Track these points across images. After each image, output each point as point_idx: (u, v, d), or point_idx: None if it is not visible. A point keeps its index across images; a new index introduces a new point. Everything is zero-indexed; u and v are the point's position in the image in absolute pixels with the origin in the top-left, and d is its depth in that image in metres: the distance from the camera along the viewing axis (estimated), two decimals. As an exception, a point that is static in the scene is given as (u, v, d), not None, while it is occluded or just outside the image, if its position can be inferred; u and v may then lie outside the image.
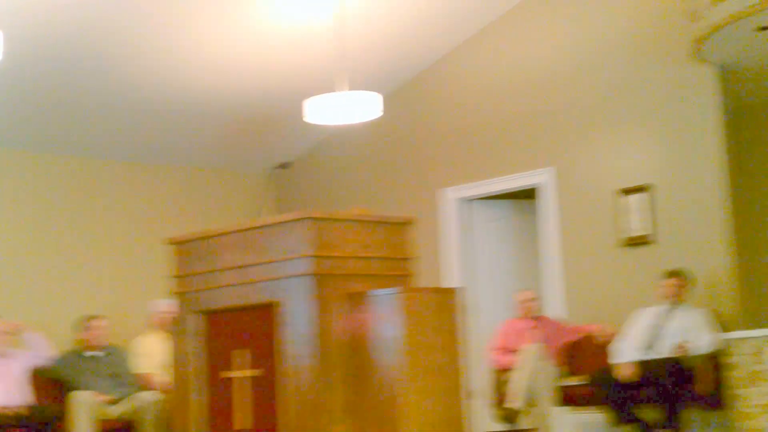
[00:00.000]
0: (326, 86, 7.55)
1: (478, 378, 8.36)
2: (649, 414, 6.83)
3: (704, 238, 7.28)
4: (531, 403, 6.97)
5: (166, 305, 7.89)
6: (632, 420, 6.72)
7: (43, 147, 8.56)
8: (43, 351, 7.55)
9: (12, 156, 8.49)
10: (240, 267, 3.88)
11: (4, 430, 6.92)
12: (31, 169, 8.62)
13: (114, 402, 7.44)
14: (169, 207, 9.33)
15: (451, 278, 8.56)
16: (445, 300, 3.92)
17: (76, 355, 7.74)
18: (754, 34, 6.51)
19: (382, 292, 3.74)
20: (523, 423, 7.07)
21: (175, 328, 4.05)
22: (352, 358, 3.72)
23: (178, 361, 4.01)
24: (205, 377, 3.94)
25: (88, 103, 8.10)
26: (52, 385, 7.65)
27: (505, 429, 7.28)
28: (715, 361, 6.86)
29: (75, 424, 7.16)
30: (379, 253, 4.01)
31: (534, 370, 6.94)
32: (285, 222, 3.82)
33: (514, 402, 6.87)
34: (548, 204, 8.22)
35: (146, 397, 7.42)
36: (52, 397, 7.50)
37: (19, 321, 7.57)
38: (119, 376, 7.68)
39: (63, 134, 8.47)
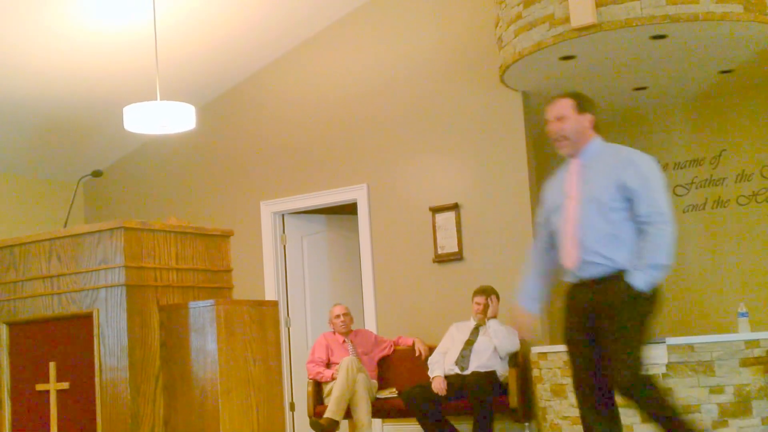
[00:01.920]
0: (142, 95, 7.42)
1: (296, 390, 8.38)
2: (462, 427, 7.01)
3: (510, 255, 7.53)
4: (347, 415, 7.02)
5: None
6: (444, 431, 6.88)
7: None
8: None
9: None
10: (50, 276, 3.74)
11: None
12: None
13: None
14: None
15: (268, 291, 8.54)
16: (262, 313, 3.90)
17: None
18: (556, 63, 6.82)
19: (198, 304, 3.69)
20: (340, 435, 7.12)
21: (-22, 339, 3.87)
22: (168, 370, 3.66)
23: (-16, 374, 3.83)
24: (13, 390, 3.77)
25: None
26: None
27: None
28: (524, 374, 7.12)
29: None
30: (195, 264, 3.95)
31: (351, 382, 7.00)
32: (97, 231, 3.71)
33: (332, 413, 6.91)
34: (363, 219, 8.33)
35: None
36: None
37: None
38: None
39: None
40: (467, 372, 6.97)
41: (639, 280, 3.92)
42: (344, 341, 7.53)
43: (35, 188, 9.49)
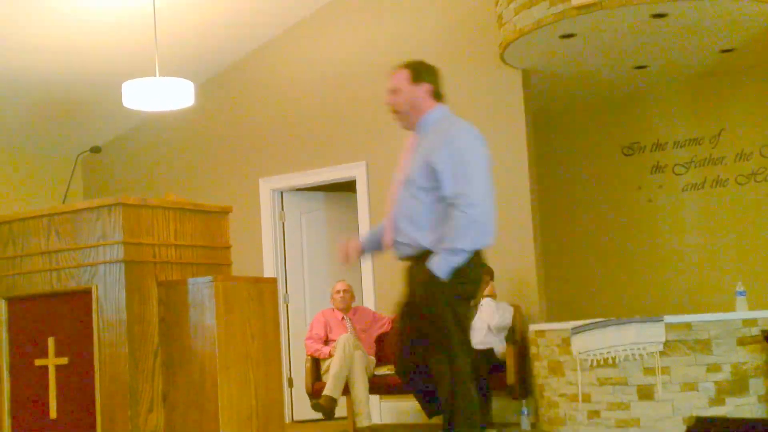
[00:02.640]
0: (141, 72, 7.40)
1: (295, 366, 8.40)
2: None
3: (509, 235, 7.53)
4: (345, 391, 7.05)
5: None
6: (441, 409, 6.90)
7: None
8: None
9: None
10: (49, 252, 3.74)
11: None
12: None
13: None
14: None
15: (267, 268, 8.55)
16: (261, 289, 3.90)
17: None
18: (556, 40, 6.80)
19: (197, 281, 3.70)
20: (338, 411, 7.15)
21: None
22: (167, 346, 3.67)
23: (-17, 349, 3.84)
24: (12, 366, 3.78)
25: None
26: None
27: (321, 417, 7.34)
28: (522, 352, 7.14)
29: None
30: (194, 241, 3.95)
31: (348, 359, 7.02)
32: (96, 207, 3.71)
33: (330, 391, 6.93)
34: (362, 197, 8.33)
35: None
36: None
37: None
38: None
39: None
40: (465, 349, 7.00)
41: (434, 265, 3.75)
42: (343, 318, 7.54)
43: (34, 164, 9.48)
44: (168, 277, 3.74)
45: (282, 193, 8.78)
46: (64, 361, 3.69)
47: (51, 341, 3.73)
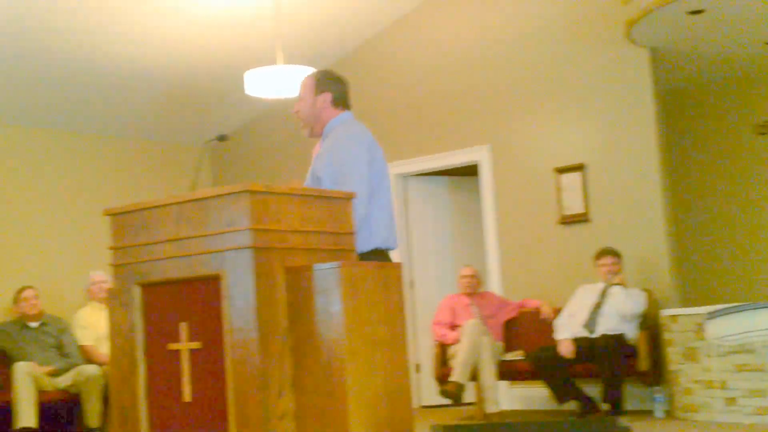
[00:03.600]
0: (265, 60, 7.49)
1: (421, 353, 8.41)
2: (590, 390, 6.92)
3: (639, 217, 7.36)
4: (473, 377, 7.01)
5: (101, 276, 7.83)
6: (572, 396, 6.80)
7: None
8: None
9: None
10: (178, 239, 3.80)
11: None
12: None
13: (56, 373, 7.39)
14: (107, 178, 9.23)
15: (392, 253, 8.57)
16: (386, 274, 3.89)
17: (16, 326, 7.65)
18: (684, 17, 6.59)
19: (323, 266, 3.70)
20: (466, 397, 7.12)
21: (112, 299, 3.97)
22: (295, 331, 3.69)
23: (118, 334, 3.94)
24: (147, 350, 3.87)
25: (28, 73, 7.93)
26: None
27: (448, 403, 7.34)
28: (654, 337, 6.97)
29: (16, 395, 7.07)
30: (319, 227, 3.95)
31: (475, 345, 6.98)
32: (223, 195, 3.75)
33: (457, 376, 6.91)
34: (486, 181, 8.26)
35: (90, 369, 7.36)
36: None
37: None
38: (62, 347, 7.62)
39: (10, 107, 8.29)
40: (596, 335, 6.86)
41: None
42: (469, 303, 7.51)
43: (163, 153, 9.73)
44: (294, 263, 3.76)
45: (406, 177, 8.78)
46: (196, 345, 3.75)
47: (184, 326, 3.79)
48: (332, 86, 4.22)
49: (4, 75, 7.88)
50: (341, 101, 4.24)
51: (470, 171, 8.59)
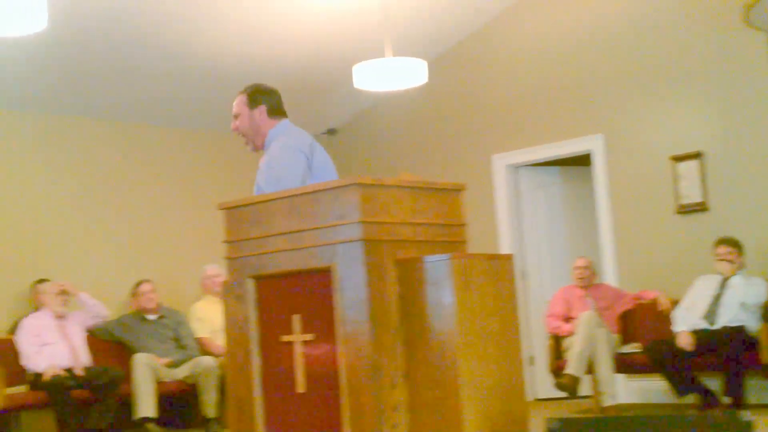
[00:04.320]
0: (372, 53, 7.51)
1: (535, 345, 8.33)
2: (710, 383, 6.75)
3: (758, 205, 7.15)
4: (589, 370, 6.92)
5: (215, 270, 7.99)
6: (692, 388, 6.64)
7: (99, 113, 8.63)
8: (97, 311, 7.66)
9: (68, 122, 8.57)
10: (290, 232, 3.85)
11: (67, 391, 7.04)
12: (86, 135, 8.71)
13: (174, 365, 7.57)
14: (220, 173, 9.40)
15: (502, 245, 8.51)
16: (498, 266, 3.86)
17: (135, 319, 7.87)
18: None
19: (434, 258, 3.70)
20: (582, 390, 7.03)
21: (226, 292, 4.04)
22: (406, 323, 3.69)
23: (233, 326, 4.01)
24: (261, 342, 3.93)
25: (141, 70, 8.13)
26: (113, 347, 7.80)
27: (564, 396, 7.26)
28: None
29: (136, 386, 7.28)
30: (429, 219, 3.95)
31: (591, 338, 6.88)
32: (334, 188, 3.78)
33: (572, 369, 6.83)
34: (599, 170, 8.13)
35: (206, 361, 7.53)
36: (112, 359, 7.63)
37: (72, 283, 7.69)
38: (179, 339, 7.81)
39: (117, 100, 8.52)
40: (716, 327, 6.69)
41: None
42: (583, 295, 7.40)
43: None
44: (405, 255, 3.76)
45: (516, 168, 8.70)
46: (309, 337, 3.79)
47: (296, 318, 3.83)
48: (265, 98, 4.39)
49: (122, 73, 8.09)
50: (276, 110, 4.39)
51: (583, 161, 8.47)
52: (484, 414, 3.63)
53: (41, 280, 7.88)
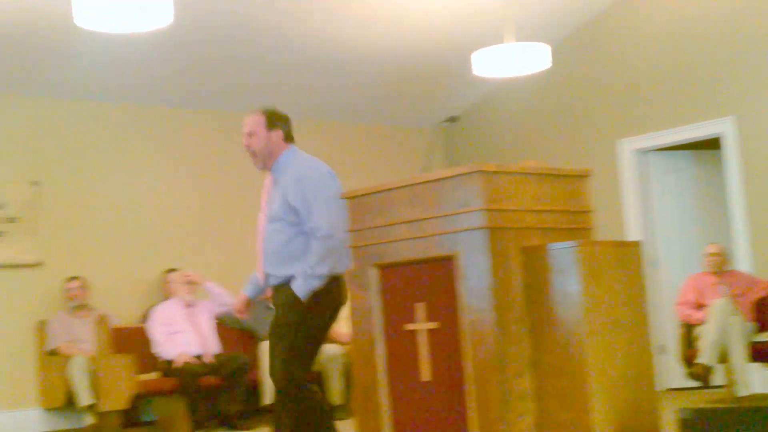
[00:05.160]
0: (493, 39, 7.43)
1: (666, 334, 8.14)
2: None
3: None
4: (722, 359, 6.73)
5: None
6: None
7: (218, 104, 8.79)
8: (223, 300, 7.81)
9: (192, 114, 8.77)
10: (413, 221, 3.85)
11: (197, 377, 7.22)
12: (208, 127, 8.89)
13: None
14: (342, 163, 9.46)
15: (629, 232, 8.34)
16: (626, 253, 3.78)
17: (260, 307, 8.01)
18: None
19: (559, 246, 3.64)
20: (715, 380, 6.84)
21: (351, 281, 4.07)
22: (532, 311, 3.65)
23: (357, 315, 4.03)
24: (386, 330, 3.95)
25: (260, 61, 8.24)
26: (240, 335, 7.96)
27: (696, 386, 7.08)
28: None
29: (263, 373, 7.41)
30: (554, 206, 3.89)
31: (724, 326, 6.69)
32: (457, 176, 3.75)
33: (705, 358, 6.65)
34: (731, 154, 7.87)
35: (332, 349, 7.61)
36: (240, 347, 7.79)
37: (198, 273, 7.86)
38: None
39: (235, 91, 8.66)
40: None
41: (296, 287, 4.28)
42: (715, 282, 7.19)
43: (393, 136, 9.87)
44: (529, 243, 3.71)
45: (644, 153, 8.51)
46: (433, 325, 3.78)
47: (420, 306, 3.83)
48: (282, 124, 4.57)
49: (239, 65, 8.21)
50: (290, 136, 4.58)
51: (713, 144, 8.21)
52: (613, 404, 3.56)
53: (170, 270, 8.10)
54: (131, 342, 7.53)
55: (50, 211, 8.09)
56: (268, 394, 7.43)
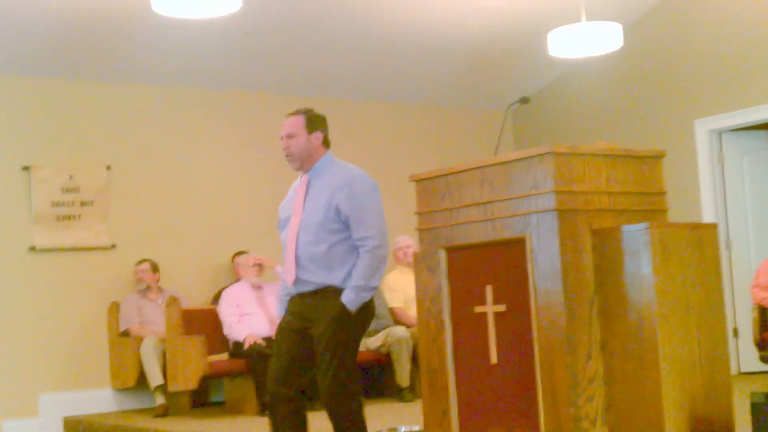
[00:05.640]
0: (564, 19, 7.33)
1: (740, 317, 7.99)
2: None
3: None
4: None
5: (407, 240, 8.04)
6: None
7: (289, 89, 8.81)
8: None
9: (256, 98, 8.80)
10: (482, 203, 3.81)
11: (265, 359, 7.28)
12: (274, 111, 8.91)
13: (368, 334, 7.68)
14: (411, 145, 9.45)
15: (704, 214, 8.18)
16: (700, 236, 3.70)
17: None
18: None
19: (631, 228, 3.58)
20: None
21: (418, 263, 4.05)
22: (602, 294, 3.59)
23: (425, 297, 4.02)
24: (453, 313, 3.92)
25: (330, 46, 8.23)
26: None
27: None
28: None
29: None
30: (627, 188, 3.83)
31: (802, 309, 6.54)
32: (527, 158, 3.71)
33: (780, 342, 6.52)
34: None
35: (399, 331, 7.62)
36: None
37: (267, 256, 7.91)
38: (372, 309, 7.90)
39: (304, 75, 8.67)
40: None
41: (348, 300, 4.13)
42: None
43: (463, 118, 9.82)
44: (601, 225, 3.66)
45: (720, 133, 8.34)
46: (501, 308, 3.75)
47: (489, 289, 3.80)
48: (322, 126, 4.44)
49: (309, 47, 8.22)
50: (328, 141, 4.47)
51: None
52: (685, 387, 3.50)
53: (240, 253, 8.16)
54: (201, 324, 7.62)
55: (122, 194, 8.21)
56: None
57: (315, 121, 4.44)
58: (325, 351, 4.22)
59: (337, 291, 4.22)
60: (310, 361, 4.28)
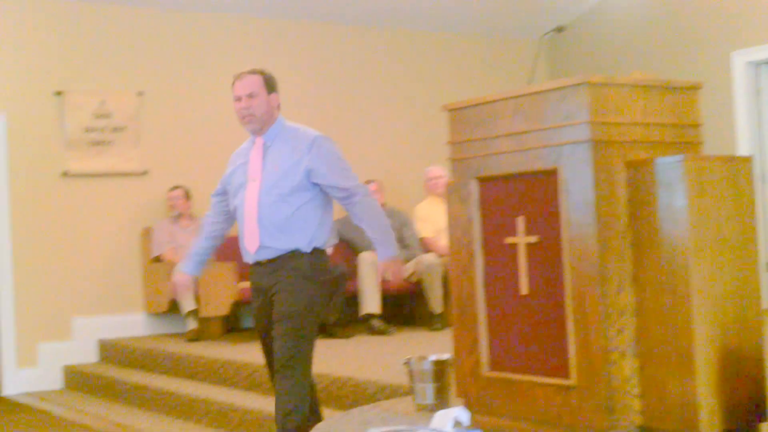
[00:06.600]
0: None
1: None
2: None
3: None
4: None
5: (438, 170, 8.04)
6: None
7: (321, 17, 8.75)
8: None
9: (291, 26, 8.75)
10: (516, 134, 3.78)
11: None
12: (310, 39, 8.88)
13: (399, 263, 7.71)
14: (445, 75, 9.39)
15: (740, 147, 8.10)
16: (735, 169, 3.65)
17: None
18: None
19: (666, 160, 3.53)
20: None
21: (450, 194, 4.04)
22: (635, 226, 3.57)
23: (456, 227, 4.01)
24: (485, 243, 3.92)
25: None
26: (340, 246, 8.05)
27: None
28: None
29: (362, 283, 7.50)
30: (662, 119, 3.78)
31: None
32: (562, 87, 3.66)
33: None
34: None
35: (430, 259, 7.66)
36: (340, 258, 7.89)
37: None
38: (403, 239, 7.96)
39: (339, 4, 8.59)
40: None
41: (385, 253, 4.32)
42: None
43: (497, 47, 9.73)
44: (635, 157, 3.62)
45: (758, 65, 8.21)
46: (533, 239, 3.74)
47: (520, 220, 3.79)
48: (276, 89, 4.35)
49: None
50: (279, 104, 4.40)
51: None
52: (717, 321, 3.49)
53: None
54: (232, 250, 7.65)
55: (155, 120, 8.23)
56: (367, 303, 7.52)
57: (272, 82, 4.34)
58: (286, 319, 4.16)
59: (298, 254, 4.20)
60: None
